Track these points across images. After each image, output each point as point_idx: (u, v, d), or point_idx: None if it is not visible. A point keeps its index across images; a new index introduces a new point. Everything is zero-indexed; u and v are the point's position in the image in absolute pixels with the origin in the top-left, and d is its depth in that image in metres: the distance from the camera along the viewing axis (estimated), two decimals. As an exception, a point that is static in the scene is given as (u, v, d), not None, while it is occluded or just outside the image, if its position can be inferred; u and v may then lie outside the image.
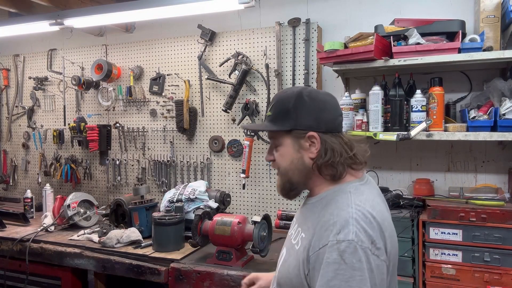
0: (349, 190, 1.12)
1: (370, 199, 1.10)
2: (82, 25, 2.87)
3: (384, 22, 2.34)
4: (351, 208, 1.05)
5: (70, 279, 2.50)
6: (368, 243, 0.99)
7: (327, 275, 0.98)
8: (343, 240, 0.99)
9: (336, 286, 0.96)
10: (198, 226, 2.17)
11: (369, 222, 1.02)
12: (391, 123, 2.28)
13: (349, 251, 0.97)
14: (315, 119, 1.14)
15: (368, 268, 0.97)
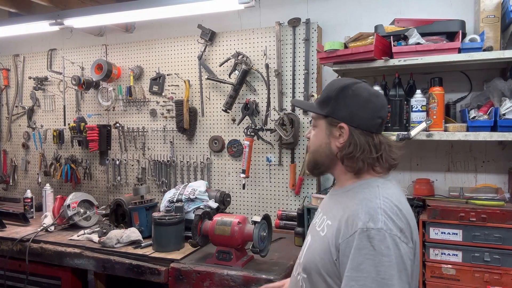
0: (377, 184, 1.20)
1: (396, 194, 1.18)
2: (82, 25, 2.87)
3: (384, 22, 2.34)
4: (379, 200, 1.12)
5: (70, 279, 2.50)
6: (397, 231, 1.06)
7: (357, 260, 1.04)
8: (372, 228, 1.05)
9: (366, 270, 1.02)
10: (198, 226, 2.17)
11: (396, 213, 1.09)
12: (391, 123, 2.28)
13: (378, 238, 1.03)
14: (350, 113, 1.21)
15: (396, 255, 1.03)
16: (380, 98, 1.26)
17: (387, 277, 1.01)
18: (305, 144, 2.76)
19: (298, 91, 2.78)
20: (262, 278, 1.96)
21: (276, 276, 1.96)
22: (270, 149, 2.87)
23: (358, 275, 1.03)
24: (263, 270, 2.03)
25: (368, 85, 1.28)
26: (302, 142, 2.78)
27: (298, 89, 2.78)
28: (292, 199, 2.83)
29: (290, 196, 2.84)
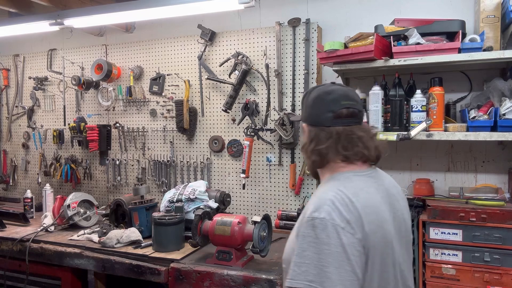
0: (339, 178, 1.24)
1: (358, 187, 1.20)
2: (82, 25, 2.87)
3: (384, 22, 2.34)
4: (332, 192, 1.17)
5: (70, 279, 2.50)
6: (341, 221, 1.09)
7: (302, 246, 1.10)
8: (316, 217, 1.10)
9: (308, 257, 1.08)
10: (198, 226, 2.17)
11: (346, 205, 1.13)
12: (391, 123, 2.28)
13: (321, 227, 1.09)
14: (306, 113, 1.35)
15: (337, 244, 1.07)
16: (332, 94, 1.29)
17: (325, 264, 1.05)
18: (305, 144, 2.76)
19: (298, 91, 2.77)
20: (262, 278, 1.96)
21: (276, 276, 1.96)
22: (270, 149, 2.87)
23: (302, 261, 1.08)
24: (263, 270, 2.03)
25: (328, 85, 1.34)
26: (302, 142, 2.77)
27: (298, 89, 2.77)
28: (292, 199, 2.83)
29: (290, 196, 2.84)
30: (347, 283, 1.05)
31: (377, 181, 1.28)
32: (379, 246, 1.14)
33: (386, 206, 1.23)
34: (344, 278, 1.05)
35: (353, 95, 1.31)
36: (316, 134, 1.28)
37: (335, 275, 1.04)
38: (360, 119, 1.29)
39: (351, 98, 1.28)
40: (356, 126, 1.26)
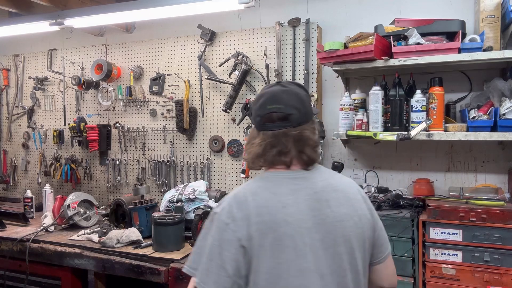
0: (259, 177, 1.28)
1: (264, 187, 1.23)
2: (82, 25, 2.87)
3: (384, 22, 2.34)
4: (239, 189, 1.24)
5: (70, 279, 2.50)
6: (227, 218, 1.16)
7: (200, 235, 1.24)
8: (214, 212, 1.22)
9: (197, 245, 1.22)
10: (198, 226, 2.17)
11: (239, 203, 1.18)
12: (391, 123, 2.28)
13: (214, 221, 1.19)
14: None
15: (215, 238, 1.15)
16: (262, 97, 1.27)
17: (203, 254, 1.16)
18: (305, 144, 2.76)
19: (298, 91, 2.77)
20: (262, 278, 1.95)
21: (276, 276, 1.96)
22: (270, 149, 2.86)
23: (197, 244, 1.22)
24: (263, 270, 2.03)
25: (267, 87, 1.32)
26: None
27: (298, 89, 2.77)
28: (292, 199, 2.83)
29: (290, 196, 2.83)
30: (214, 276, 1.11)
31: (302, 184, 1.23)
32: (270, 247, 1.12)
33: (306, 209, 1.18)
34: (213, 271, 1.12)
35: (284, 97, 1.25)
36: (252, 135, 1.30)
37: (205, 265, 1.14)
38: (291, 121, 1.23)
39: (279, 102, 1.24)
40: (284, 130, 1.22)
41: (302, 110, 1.25)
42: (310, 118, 1.29)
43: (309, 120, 1.28)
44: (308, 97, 1.33)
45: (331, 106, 2.77)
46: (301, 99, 1.27)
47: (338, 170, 2.44)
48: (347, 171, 2.72)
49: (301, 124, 1.25)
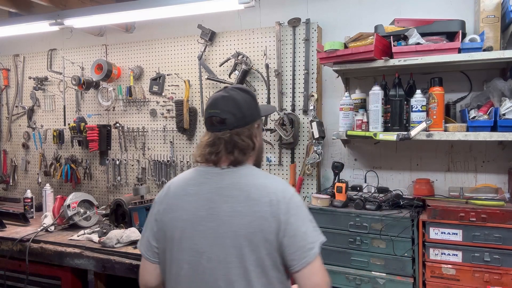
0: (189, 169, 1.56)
1: (182, 178, 1.50)
2: (82, 25, 2.87)
3: (384, 22, 2.34)
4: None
5: (70, 279, 2.50)
6: (157, 198, 1.52)
7: None
8: None
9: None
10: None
11: (166, 187, 1.51)
12: (391, 123, 2.28)
13: None
14: None
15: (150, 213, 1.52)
16: (208, 102, 1.48)
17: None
18: (305, 144, 2.76)
19: (298, 91, 2.78)
20: (262, 278, 1.95)
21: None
22: (270, 149, 2.87)
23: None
24: (263, 270, 2.02)
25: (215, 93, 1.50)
26: (302, 142, 2.78)
27: (298, 89, 2.77)
28: (292, 199, 2.83)
29: (290, 196, 2.83)
30: (144, 240, 1.49)
31: (211, 179, 1.42)
32: (170, 225, 1.42)
33: (204, 200, 1.39)
34: (144, 237, 1.50)
35: (221, 103, 1.42)
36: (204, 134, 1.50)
37: (143, 232, 1.52)
38: (226, 125, 1.40)
39: (217, 107, 1.42)
40: (220, 133, 1.41)
41: (238, 115, 1.42)
42: (250, 122, 1.45)
43: (247, 124, 1.44)
44: (250, 103, 1.47)
45: (331, 106, 2.77)
46: (238, 105, 1.43)
47: (338, 170, 2.45)
48: (347, 171, 2.72)
49: (237, 128, 1.41)
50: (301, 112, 2.77)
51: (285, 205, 1.34)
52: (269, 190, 1.37)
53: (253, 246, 1.32)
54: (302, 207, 1.39)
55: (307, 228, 1.35)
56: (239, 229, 1.33)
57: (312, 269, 1.32)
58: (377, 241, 2.18)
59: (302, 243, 1.33)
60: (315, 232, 1.37)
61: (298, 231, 1.33)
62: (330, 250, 2.28)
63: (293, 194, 1.40)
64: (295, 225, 1.33)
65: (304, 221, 1.37)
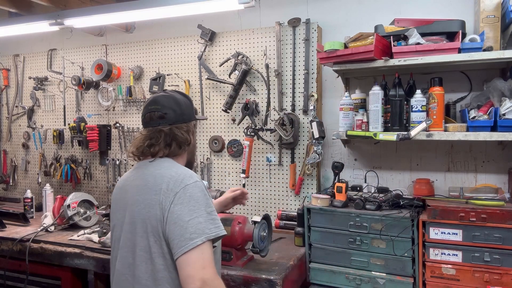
0: None
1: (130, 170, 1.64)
2: (82, 25, 2.87)
3: (384, 22, 2.34)
4: None
5: (70, 279, 2.50)
6: None
7: None
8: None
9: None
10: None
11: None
12: (391, 123, 2.28)
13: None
14: None
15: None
16: (147, 101, 1.60)
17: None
18: (305, 144, 2.77)
19: (298, 91, 2.78)
20: (262, 278, 1.96)
21: (276, 276, 1.96)
22: (270, 149, 2.87)
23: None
24: (263, 270, 2.03)
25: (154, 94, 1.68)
26: (302, 142, 2.78)
27: (298, 89, 2.78)
28: (292, 199, 2.83)
29: (290, 196, 2.84)
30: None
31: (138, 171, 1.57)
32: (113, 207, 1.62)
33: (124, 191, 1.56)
34: None
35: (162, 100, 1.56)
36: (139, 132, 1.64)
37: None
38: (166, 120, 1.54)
39: (158, 103, 1.56)
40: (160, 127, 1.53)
41: (178, 112, 1.56)
42: (187, 120, 1.59)
43: (186, 121, 1.59)
44: (188, 104, 1.63)
45: (331, 106, 2.77)
46: (178, 103, 1.58)
47: (338, 170, 2.45)
48: (347, 171, 2.72)
49: (177, 123, 1.55)
50: (301, 112, 2.77)
51: (174, 194, 1.39)
52: (164, 179, 1.44)
53: (143, 233, 1.42)
54: (194, 198, 1.39)
55: (194, 219, 1.35)
56: (135, 217, 1.46)
57: (188, 260, 1.31)
58: (377, 241, 2.18)
59: (181, 231, 1.34)
60: (205, 224, 1.35)
61: (179, 220, 1.35)
62: (330, 250, 2.29)
63: (188, 185, 1.40)
64: (177, 213, 1.36)
65: (193, 211, 1.36)
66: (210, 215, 1.39)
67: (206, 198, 1.42)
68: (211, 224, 1.37)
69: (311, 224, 2.34)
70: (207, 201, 1.41)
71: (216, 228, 1.37)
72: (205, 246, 1.33)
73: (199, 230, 1.34)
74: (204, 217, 1.37)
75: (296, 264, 2.21)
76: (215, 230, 1.37)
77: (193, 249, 1.31)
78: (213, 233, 1.36)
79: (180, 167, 1.53)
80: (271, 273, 2.00)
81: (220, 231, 1.39)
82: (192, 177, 1.45)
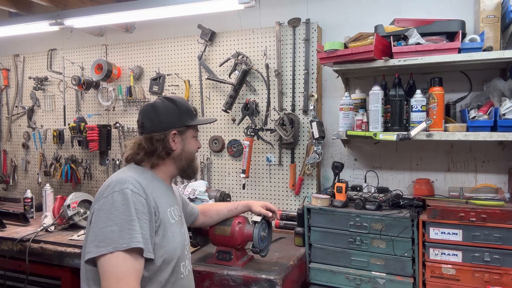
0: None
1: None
2: (82, 25, 2.87)
3: (384, 22, 2.34)
4: None
5: (70, 279, 2.50)
6: None
7: None
8: None
9: None
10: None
11: None
12: (391, 123, 2.28)
13: None
14: None
15: None
16: None
17: None
18: (305, 144, 2.77)
19: (298, 91, 2.78)
20: (262, 278, 1.96)
21: (276, 276, 1.96)
22: (270, 149, 2.87)
23: None
24: (263, 270, 2.03)
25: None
26: (302, 142, 2.78)
27: (298, 89, 2.78)
28: (292, 199, 2.83)
29: (290, 196, 2.84)
30: None
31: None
32: None
33: None
34: None
35: (144, 109, 1.63)
36: None
37: None
38: (144, 129, 1.61)
39: (141, 113, 1.63)
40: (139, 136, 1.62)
41: (154, 121, 1.59)
42: (168, 128, 1.59)
43: (165, 130, 1.59)
44: (171, 111, 1.61)
45: (331, 106, 2.77)
46: (156, 111, 1.60)
47: (338, 170, 2.45)
48: (347, 171, 2.72)
49: (154, 132, 1.58)
50: (301, 112, 2.77)
51: (99, 199, 1.40)
52: (105, 184, 1.46)
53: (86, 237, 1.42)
54: (115, 205, 1.35)
55: (108, 227, 1.32)
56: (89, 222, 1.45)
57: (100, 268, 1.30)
58: (377, 241, 2.18)
59: (92, 237, 1.34)
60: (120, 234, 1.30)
61: (95, 226, 1.36)
62: (330, 250, 2.29)
63: (115, 192, 1.38)
64: (96, 219, 1.37)
65: (108, 219, 1.33)
66: (128, 225, 1.32)
67: (127, 207, 1.34)
68: (127, 234, 1.30)
69: (311, 224, 2.34)
70: (129, 210, 1.34)
71: (129, 239, 1.30)
72: (117, 257, 1.28)
73: (109, 239, 1.29)
74: (120, 226, 1.31)
75: (296, 264, 2.21)
76: (128, 241, 1.29)
77: (102, 257, 1.29)
78: (125, 244, 1.29)
79: (127, 172, 1.49)
80: (271, 273, 2.00)
81: (133, 242, 1.30)
82: (124, 184, 1.39)
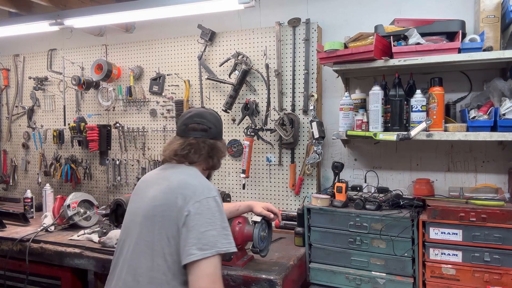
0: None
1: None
2: (82, 25, 2.87)
3: (384, 22, 2.34)
4: None
5: (70, 279, 2.50)
6: None
7: None
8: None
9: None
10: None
11: None
12: (391, 123, 2.28)
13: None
14: None
15: None
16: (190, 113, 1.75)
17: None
18: (305, 144, 2.77)
19: (298, 91, 2.78)
20: (262, 278, 1.96)
21: (276, 276, 1.96)
22: (270, 149, 2.87)
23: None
24: (263, 270, 2.03)
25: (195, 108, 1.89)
26: (302, 142, 2.78)
27: (298, 89, 2.78)
28: (292, 199, 2.83)
29: (290, 196, 2.84)
30: None
31: (162, 172, 1.68)
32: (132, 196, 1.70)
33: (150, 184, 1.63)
34: None
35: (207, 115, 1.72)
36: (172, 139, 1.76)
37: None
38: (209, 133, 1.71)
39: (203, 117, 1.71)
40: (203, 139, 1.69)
41: (218, 128, 1.75)
42: (220, 138, 1.76)
43: (220, 138, 1.76)
44: (221, 125, 1.80)
45: (331, 106, 2.77)
46: (218, 121, 1.77)
47: (338, 170, 2.45)
48: (347, 171, 2.72)
49: (215, 139, 1.71)
50: (301, 112, 2.77)
51: (194, 202, 1.44)
52: (188, 186, 1.50)
53: (151, 227, 1.47)
54: (212, 211, 1.44)
55: (209, 231, 1.39)
56: (149, 210, 1.51)
57: (198, 271, 1.36)
58: (377, 241, 2.18)
59: (194, 240, 1.37)
60: (218, 238, 1.40)
61: (195, 229, 1.39)
62: (330, 250, 2.29)
63: (209, 197, 1.47)
64: (195, 222, 1.40)
65: (208, 224, 1.41)
66: (224, 230, 1.43)
67: (221, 214, 1.47)
68: (224, 239, 1.41)
69: (311, 224, 2.34)
70: (222, 216, 1.46)
71: (228, 244, 1.41)
72: (215, 260, 1.37)
73: (211, 243, 1.38)
74: (218, 231, 1.41)
75: (296, 264, 2.21)
76: (227, 246, 1.41)
77: (203, 260, 1.35)
78: (224, 247, 1.40)
79: (203, 178, 1.63)
80: (271, 273, 2.00)
81: (231, 247, 1.42)
82: (213, 191, 1.51)
